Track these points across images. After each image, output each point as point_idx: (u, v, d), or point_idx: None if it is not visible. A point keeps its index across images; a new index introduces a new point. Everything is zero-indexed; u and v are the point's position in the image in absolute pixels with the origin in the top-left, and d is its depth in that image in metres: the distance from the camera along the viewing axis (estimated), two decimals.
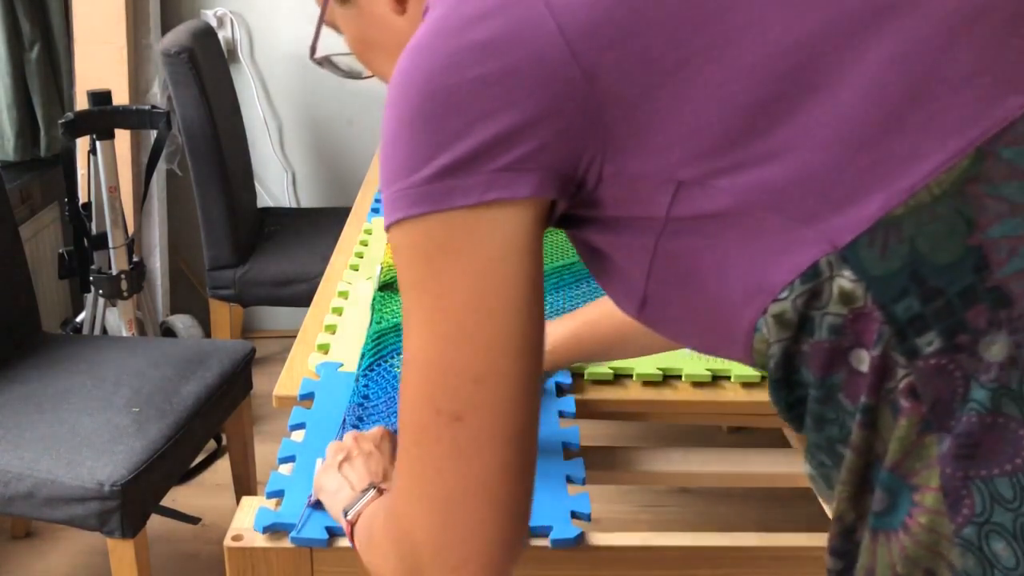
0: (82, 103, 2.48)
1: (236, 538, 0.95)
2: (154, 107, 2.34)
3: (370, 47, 0.76)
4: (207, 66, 2.43)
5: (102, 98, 2.31)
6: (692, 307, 0.62)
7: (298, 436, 1.12)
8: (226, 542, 0.95)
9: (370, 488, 0.87)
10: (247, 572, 0.95)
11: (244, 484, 2.05)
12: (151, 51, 2.69)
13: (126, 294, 2.36)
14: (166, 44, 2.35)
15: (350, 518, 0.84)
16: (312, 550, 0.94)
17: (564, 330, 1.12)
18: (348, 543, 0.85)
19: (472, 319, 0.59)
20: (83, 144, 2.34)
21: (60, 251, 2.41)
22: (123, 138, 2.58)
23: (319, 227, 2.65)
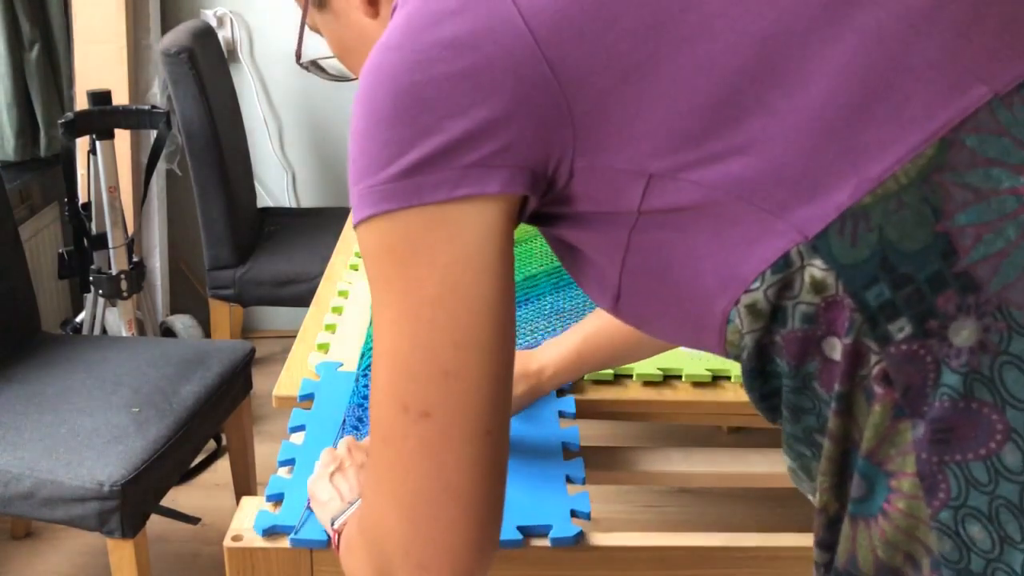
0: (82, 103, 2.48)
1: (236, 538, 0.95)
2: (154, 107, 2.34)
3: (348, 51, 0.77)
4: (207, 66, 2.43)
5: (102, 98, 2.31)
6: (665, 300, 0.63)
7: (298, 438, 1.12)
8: (226, 542, 0.95)
9: (359, 500, 0.87)
10: (247, 572, 0.95)
11: (244, 484, 2.05)
12: (151, 51, 2.69)
13: (126, 294, 2.36)
14: (166, 44, 2.35)
15: (336, 527, 0.84)
16: (312, 551, 0.94)
17: (564, 348, 1.13)
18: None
19: (441, 314, 0.59)
20: (83, 144, 2.34)
21: (60, 251, 2.41)
22: (123, 138, 2.58)
23: (319, 227, 2.65)
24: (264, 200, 2.99)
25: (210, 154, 2.43)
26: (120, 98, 2.53)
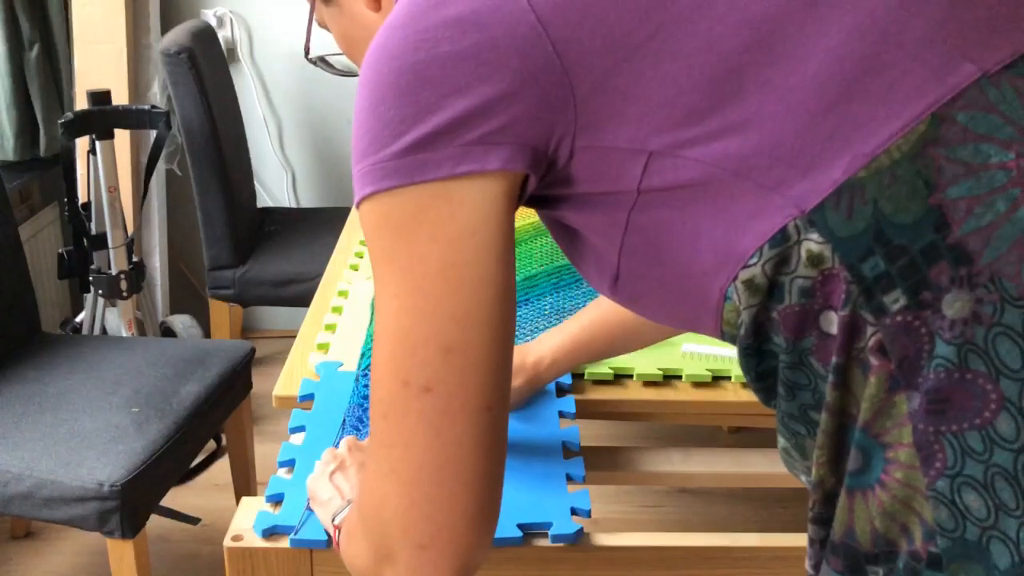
0: (81, 103, 2.48)
1: (236, 538, 0.95)
2: (154, 107, 2.34)
3: (353, 45, 0.77)
4: (207, 66, 2.43)
5: (102, 98, 2.31)
6: (664, 280, 0.63)
7: (298, 439, 1.12)
8: (226, 542, 0.95)
9: None
10: (247, 572, 0.95)
11: (244, 484, 2.05)
12: (151, 51, 2.69)
13: (126, 294, 2.36)
14: (166, 44, 2.35)
15: (337, 523, 0.84)
16: (312, 551, 0.94)
17: (563, 338, 1.14)
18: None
19: (442, 290, 0.60)
20: (83, 144, 2.34)
21: (60, 251, 2.41)
22: (123, 138, 2.58)
23: (319, 227, 2.65)
24: (264, 200, 2.99)
25: (210, 154, 2.43)
26: (120, 98, 2.53)
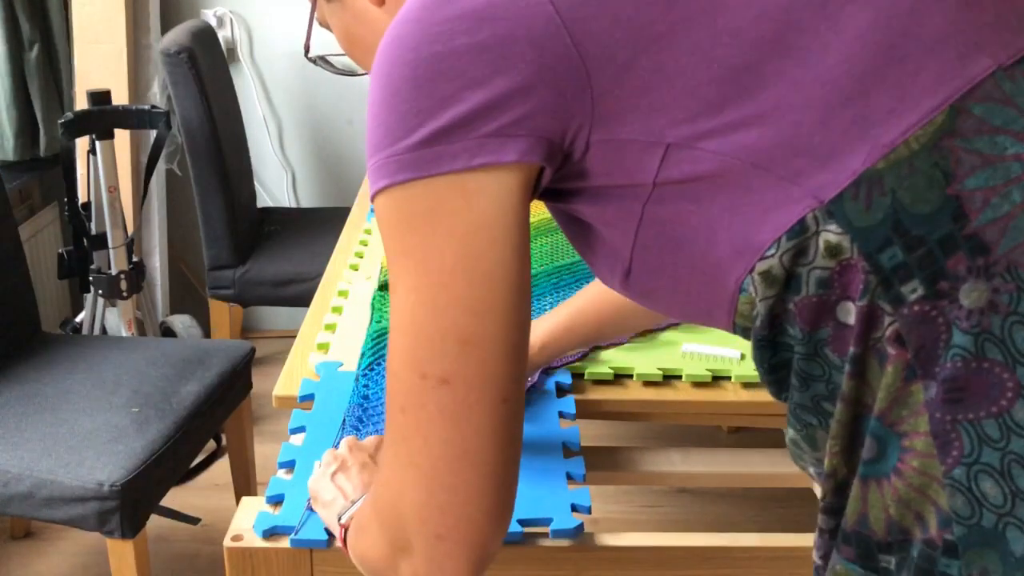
0: (81, 103, 2.48)
1: (236, 538, 0.95)
2: (154, 107, 2.34)
3: (355, 42, 0.77)
4: (207, 66, 2.43)
5: (101, 98, 2.31)
6: (677, 273, 0.63)
7: (298, 440, 1.12)
8: (226, 542, 0.95)
9: (364, 496, 0.86)
10: (247, 572, 0.95)
11: (244, 484, 2.05)
12: (151, 51, 2.69)
13: (126, 294, 2.37)
14: (166, 44, 2.35)
15: (343, 522, 0.84)
16: (312, 551, 0.94)
17: (555, 322, 1.15)
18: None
19: (459, 282, 0.60)
20: (83, 144, 2.34)
21: (60, 251, 2.41)
22: (123, 138, 2.58)
23: (319, 227, 2.65)
24: (264, 200, 2.99)
25: (210, 154, 2.43)
26: (120, 98, 2.53)
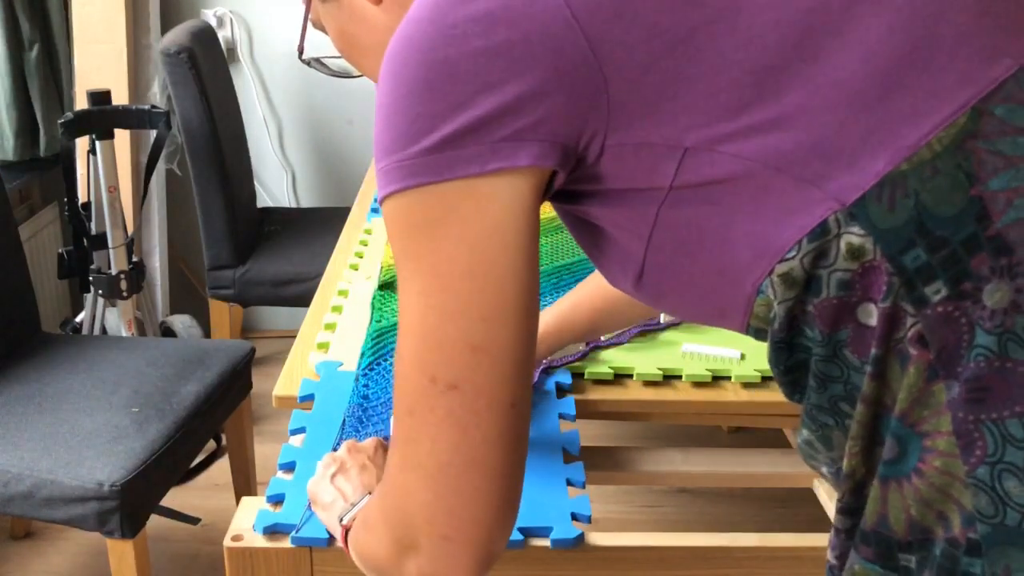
0: (81, 103, 2.48)
1: (236, 538, 0.95)
2: (154, 107, 2.34)
3: (351, 43, 0.76)
4: (207, 66, 2.43)
5: (101, 98, 2.31)
6: (692, 275, 0.63)
7: (298, 440, 1.12)
8: (226, 542, 0.95)
9: (364, 497, 0.86)
10: (247, 572, 0.95)
11: (244, 484, 2.05)
12: (151, 51, 2.69)
13: (126, 294, 2.37)
14: (166, 44, 2.35)
15: (345, 523, 0.84)
16: (312, 550, 0.94)
17: (551, 317, 1.16)
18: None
19: (470, 288, 0.60)
20: (83, 144, 2.34)
21: (60, 251, 2.41)
22: (123, 138, 2.58)
23: (319, 227, 2.65)
24: (264, 200, 2.99)
25: (210, 154, 2.43)
26: (120, 98, 2.53)
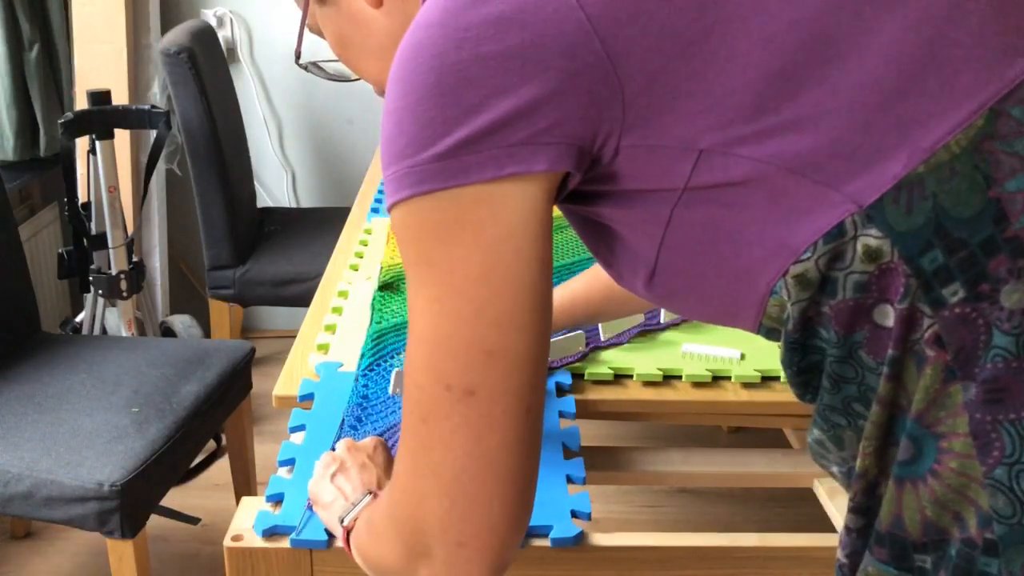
0: (81, 103, 2.48)
1: (236, 538, 0.95)
2: (154, 107, 2.34)
3: (349, 46, 0.76)
4: (207, 66, 2.43)
5: (101, 98, 2.31)
6: (705, 276, 0.63)
7: (298, 438, 1.12)
8: (226, 542, 0.95)
9: (365, 496, 0.87)
10: (247, 572, 0.95)
11: (244, 484, 2.05)
12: (151, 51, 2.69)
13: (126, 294, 2.37)
14: (166, 44, 2.35)
15: (347, 524, 0.84)
16: (312, 551, 0.94)
17: (565, 293, 1.17)
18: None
19: (484, 294, 0.59)
20: (83, 144, 2.34)
21: (60, 251, 2.41)
22: (123, 138, 2.58)
23: (319, 227, 2.65)
24: (264, 200, 2.99)
25: (210, 154, 2.43)
26: (120, 98, 2.53)
